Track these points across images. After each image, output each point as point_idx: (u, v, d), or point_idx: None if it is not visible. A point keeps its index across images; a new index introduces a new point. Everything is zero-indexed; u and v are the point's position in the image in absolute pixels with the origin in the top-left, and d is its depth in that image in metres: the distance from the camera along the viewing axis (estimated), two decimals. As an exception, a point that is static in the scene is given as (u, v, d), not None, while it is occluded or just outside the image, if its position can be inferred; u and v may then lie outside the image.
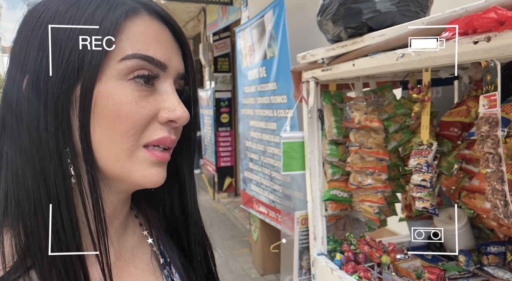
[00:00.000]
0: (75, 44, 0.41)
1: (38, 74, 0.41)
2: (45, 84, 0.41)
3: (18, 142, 0.42)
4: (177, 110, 0.45)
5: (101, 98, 0.42)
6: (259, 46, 2.95)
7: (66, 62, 0.41)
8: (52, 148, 0.41)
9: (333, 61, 1.24)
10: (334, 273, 1.38)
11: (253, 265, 3.53)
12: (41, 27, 0.42)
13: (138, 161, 0.45)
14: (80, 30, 0.41)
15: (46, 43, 0.41)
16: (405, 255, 1.50)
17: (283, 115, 2.66)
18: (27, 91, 0.41)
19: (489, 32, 0.68)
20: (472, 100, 1.34)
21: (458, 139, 1.37)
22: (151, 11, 0.46)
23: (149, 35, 0.44)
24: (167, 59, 0.46)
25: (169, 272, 0.55)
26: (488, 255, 1.35)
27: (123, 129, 0.43)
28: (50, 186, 0.41)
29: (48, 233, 0.40)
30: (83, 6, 0.43)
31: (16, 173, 0.42)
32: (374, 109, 1.43)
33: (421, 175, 1.31)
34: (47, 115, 0.41)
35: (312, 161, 1.50)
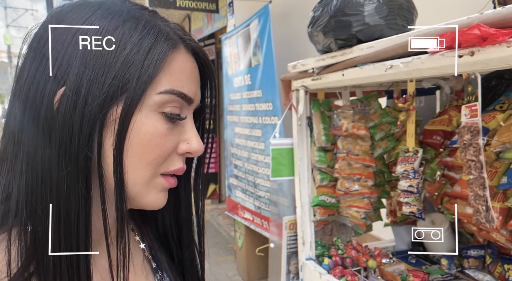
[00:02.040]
0: (120, 69, 0.42)
1: (78, 90, 0.41)
2: (84, 102, 0.41)
3: (42, 154, 0.41)
4: (193, 144, 0.48)
5: (136, 126, 0.43)
6: (244, 54, 2.99)
7: (109, 85, 0.41)
8: (81, 165, 0.41)
9: (323, 71, 1.29)
10: (322, 278, 1.41)
11: (238, 272, 3.52)
12: (78, 38, 0.41)
13: (153, 187, 0.47)
14: (126, 56, 0.42)
15: (89, 61, 0.41)
16: (390, 259, 1.54)
17: (269, 122, 2.69)
18: (63, 104, 0.41)
19: (473, 47, 0.73)
20: (453, 110, 1.40)
21: (441, 147, 1.43)
22: (188, 46, 0.48)
23: (185, 72, 0.46)
24: (194, 94, 0.48)
25: (161, 276, 0.56)
26: (469, 258, 1.41)
27: (149, 158, 0.44)
28: (73, 201, 0.41)
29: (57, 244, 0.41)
30: (129, 30, 0.43)
31: (34, 184, 0.41)
32: (361, 117, 1.48)
33: (408, 181, 1.36)
34: (82, 132, 0.41)
35: (301, 167, 1.53)
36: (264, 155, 2.78)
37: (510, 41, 0.65)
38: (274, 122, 2.60)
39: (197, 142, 0.48)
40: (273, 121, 2.62)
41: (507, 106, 1.20)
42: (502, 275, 1.29)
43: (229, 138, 3.51)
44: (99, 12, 0.43)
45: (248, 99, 2.94)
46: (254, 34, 2.75)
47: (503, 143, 1.12)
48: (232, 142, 3.44)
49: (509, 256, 1.30)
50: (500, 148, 1.14)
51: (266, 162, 2.77)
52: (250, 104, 2.90)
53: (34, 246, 0.41)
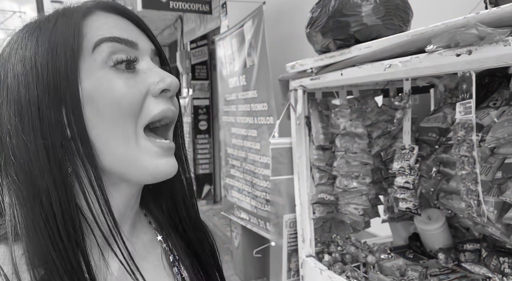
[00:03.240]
0: (47, 58, 0.43)
1: (19, 100, 0.43)
2: (28, 106, 0.42)
3: (18, 161, 0.43)
4: (166, 78, 0.48)
5: (93, 92, 0.44)
6: (239, 55, 3.00)
7: (46, 77, 0.43)
8: (52, 163, 0.43)
9: (321, 70, 1.31)
10: (323, 274, 1.43)
11: (235, 272, 3.54)
12: (12, 58, 0.44)
13: (145, 149, 0.46)
14: (48, 43, 0.44)
15: (19, 70, 0.44)
16: (389, 255, 1.57)
17: (264, 122, 2.71)
18: (13, 122, 0.43)
19: (470, 46, 0.76)
20: (448, 107, 1.44)
21: (436, 144, 1.46)
22: (103, 7, 0.49)
23: (108, 23, 0.47)
24: (135, 38, 0.48)
25: (178, 268, 0.57)
26: (465, 252, 1.44)
27: (123, 110, 0.45)
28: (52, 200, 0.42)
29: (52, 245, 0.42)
30: (44, 25, 0.46)
31: (19, 196, 0.42)
32: (358, 116, 1.51)
33: (404, 177, 1.39)
34: (43, 133, 0.42)
35: (300, 166, 1.55)
36: (259, 154, 2.80)
37: (506, 40, 0.68)
38: (269, 123, 2.62)
39: (169, 76, 0.48)
40: (268, 121, 2.64)
41: (500, 103, 1.24)
42: (498, 267, 1.32)
43: (225, 138, 3.52)
44: (24, 29, 0.47)
45: (243, 99, 2.96)
46: (248, 35, 2.76)
47: (497, 139, 1.16)
48: (228, 142, 3.45)
49: (504, 249, 1.34)
50: (495, 143, 1.17)
51: (262, 161, 2.79)
52: (245, 105, 2.92)
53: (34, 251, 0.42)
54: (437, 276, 1.38)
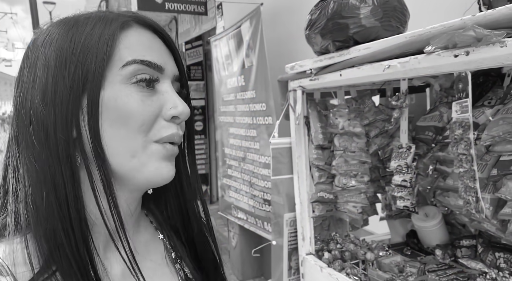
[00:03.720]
0: (79, 59, 0.46)
1: (45, 89, 0.46)
2: (54, 99, 0.45)
3: (32, 152, 0.45)
4: (179, 106, 0.51)
5: (110, 102, 0.47)
6: (237, 55, 3.02)
7: (72, 76, 0.46)
8: (62, 154, 0.45)
9: (320, 71, 1.33)
10: (323, 271, 1.46)
11: (232, 271, 3.55)
12: (46, 49, 0.47)
13: (150, 155, 0.49)
14: (82, 45, 0.47)
15: (51, 62, 0.46)
16: (387, 252, 1.60)
17: (262, 122, 2.73)
18: (37, 106, 0.46)
19: (468, 47, 0.79)
20: (444, 106, 1.47)
21: (433, 142, 1.49)
22: (141, 22, 0.52)
23: (143, 43, 0.50)
24: (163, 63, 0.51)
25: (180, 265, 0.60)
26: (461, 248, 1.48)
27: (134, 126, 0.48)
28: (60, 190, 0.45)
29: (62, 236, 0.44)
30: (81, 26, 0.48)
31: (32, 181, 0.45)
32: (356, 115, 1.54)
33: (401, 176, 1.42)
34: (57, 125, 0.45)
35: (299, 165, 1.57)
36: (259, 154, 2.82)
37: (503, 41, 0.71)
38: (268, 123, 2.65)
39: (182, 104, 0.51)
40: (266, 121, 2.66)
41: (495, 101, 1.27)
42: (493, 262, 1.36)
43: (222, 139, 3.53)
44: (61, 25, 0.49)
45: (242, 100, 2.98)
46: (247, 36, 2.79)
47: (493, 137, 1.19)
48: (225, 142, 3.46)
49: (499, 244, 1.37)
50: (490, 141, 1.20)
51: (261, 161, 2.81)
52: (244, 105, 2.94)
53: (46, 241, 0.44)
54: (435, 272, 1.41)
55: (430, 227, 1.54)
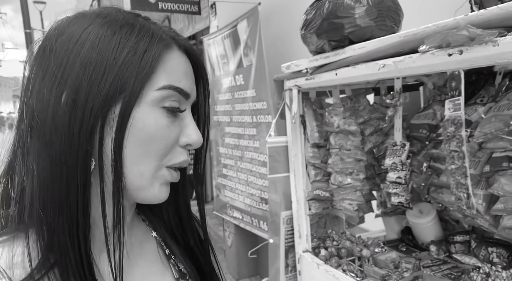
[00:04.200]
0: (119, 70, 0.46)
1: (78, 91, 0.45)
2: (85, 101, 0.45)
3: (49, 151, 0.45)
4: (193, 135, 0.52)
5: (137, 121, 0.47)
6: (233, 54, 3.03)
7: (110, 85, 0.45)
8: (81, 157, 0.45)
9: (316, 71, 1.35)
10: (320, 268, 1.47)
11: (228, 271, 3.56)
12: (83, 47, 0.46)
13: (157, 179, 0.51)
14: (124, 58, 0.46)
15: (89, 64, 0.45)
16: (382, 248, 1.62)
17: (263, 120, 2.75)
18: (66, 106, 0.45)
19: (461, 46, 0.81)
20: (437, 104, 1.49)
21: (427, 140, 1.51)
22: (180, 46, 0.53)
23: (180, 69, 0.51)
24: (190, 90, 0.53)
25: (174, 261, 0.61)
26: (455, 244, 1.50)
27: (155, 149, 0.49)
28: (72, 193, 0.45)
29: (66, 234, 0.45)
30: (125, 35, 0.47)
31: (44, 179, 0.45)
32: (351, 114, 1.56)
33: (396, 173, 1.45)
34: (82, 129, 0.45)
35: (296, 164, 1.59)
36: (258, 153, 2.84)
37: (495, 41, 0.72)
38: (268, 121, 2.66)
39: (196, 134, 0.52)
40: (267, 120, 2.68)
41: (487, 99, 1.30)
42: (486, 257, 1.38)
43: (216, 138, 3.54)
44: (98, 20, 0.48)
45: (241, 99, 2.98)
46: (244, 35, 2.79)
47: (485, 134, 1.21)
48: (219, 141, 3.47)
49: (492, 239, 1.40)
50: (483, 138, 1.23)
51: (260, 159, 2.83)
52: (243, 104, 2.95)
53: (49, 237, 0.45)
54: (430, 267, 1.43)
55: (425, 223, 1.57)
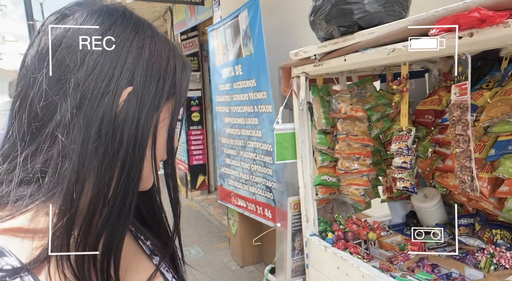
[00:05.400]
0: (174, 77, 0.52)
1: (143, 90, 0.48)
2: (150, 100, 0.49)
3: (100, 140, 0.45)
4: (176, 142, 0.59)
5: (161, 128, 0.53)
6: (233, 45, 3.04)
7: (168, 88, 0.51)
8: (138, 157, 0.48)
9: (324, 57, 1.37)
10: (327, 251, 1.51)
11: (233, 258, 3.61)
12: (149, 50, 0.50)
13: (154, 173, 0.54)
14: (174, 67, 0.53)
15: (154, 66, 0.50)
16: (388, 232, 1.66)
17: (264, 110, 2.77)
18: (129, 102, 0.47)
19: (472, 28, 0.83)
20: (443, 90, 1.51)
21: (432, 125, 1.54)
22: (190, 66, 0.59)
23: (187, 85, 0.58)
24: None
25: (142, 240, 0.62)
26: (460, 227, 1.54)
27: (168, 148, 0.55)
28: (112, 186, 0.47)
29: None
30: (175, 57, 0.54)
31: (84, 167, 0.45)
32: (358, 100, 1.58)
33: (402, 158, 1.47)
34: (146, 127, 0.48)
35: (303, 150, 1.62)
36: (261, 142, 2.86)
37: (506, 22, 0.75)
38: (268, 111, 2.68)
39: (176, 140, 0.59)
40: (267, 109, 2.70)
41: (492, 84, 1.32)
42: (491, 239, 1.42)
43: (219, 129, 3.56)
44: (148, 32, 0.52)
45: (240, 89, 3.00)
46: (244, 25, 2.80)
47: (491, 118, 1.24)
48: (222, 132, 3.49)
49: (496, 222, 1.44)
50: (488, 122, 1.25)
51: (263, 149, 2.85)
52: (243, 94, 2.96)
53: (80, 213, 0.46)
54: (435, 249, 1.47)
55: (430, 207, 1.60)
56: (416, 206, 1.65)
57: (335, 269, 1.46)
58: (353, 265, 1.37)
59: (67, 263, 0.45)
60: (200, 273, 3.35)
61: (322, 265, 1.56)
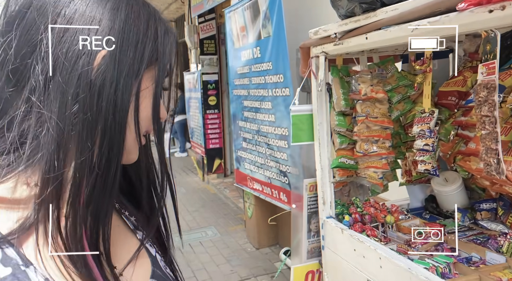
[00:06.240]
0: (155, 43, 0.49)
1: (120, 54, 0.45)
2: (124, 65, 0.46)
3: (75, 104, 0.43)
4: (164, 111, 0.55)
5: (143, 93, 0.50)
6: (252, 27, 2.99)
7: (149, 53, 0.48)
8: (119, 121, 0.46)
9: (345, 35, 1.33)
10: (344, 233, 1.50)
11: (248, 240, 3.65)
12: (125, 12, 0.47)
13: (138, 144, 0.52)
14: (159, 34, 0.51)
15: (134, 31, 0.47)
16: (406, 216, 1.64)
17: (280, 94, 2.73)
18: (105, 65, 0.44)
19: (504, 1, 0.78)
20: (468, 71, 1.46)
21: (456, 107, 1.49)
22: (171, 30, 0.56)
23: (172, 50, 0.54)
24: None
25: (126, 215, 0.61)
26: (482, 211, 1.50)
27: (154, 118, 0.52)
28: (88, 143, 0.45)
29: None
30: (156, 21, 0.51)
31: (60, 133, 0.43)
32: (379, 81, 1.54)
33: (424, 140, 1.44)
34: (125, 91, 0.45)
35: (321, 132, 1.60)
36: (274, 126, 2.84)
37: (542, -7, 0.70)
38: (285, 94, 2.65)
39: (164, 111, 0.56)
40: (284, 93, 2.66)
41: (522, 64, 1.26)
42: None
43: (236, 112, 3.55)
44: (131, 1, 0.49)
45: (257, 72, 2.97)
46: (264, 6, 2.75)
47: (519, 99, 1.19)
48: (239, 115, 3.49)
49: (520, 206, 1.40)
50: (516, 103, 1.20)
51: (276, 133, 2.84)
52: (259, 77, 2.94)
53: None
54: (455, 233, 1.44)
55: (450, 191, 1.57)
56: (436, 190, 1.62)
57: (351, 251, 1.46)
58: (370, 247, 1.36)
59: (56, 234, 0.43)
60: (216, 254, 3.41)
61: (338, 247, 1.56)
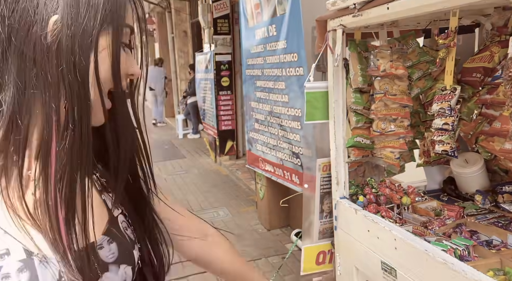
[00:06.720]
0: (105, 5, 0.50)
1: (72, 18, 0.47)
2: (78, 28, 0.48)
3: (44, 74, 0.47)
4: (136, 67, 0.58)
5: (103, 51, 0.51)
6: (267, 3, 2.91)
7: (96, 16, 0.49)
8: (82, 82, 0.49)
9: (364, 6, 1.26)
10: (358, 213, 1.46)
11: (260, 221, 3.66)
12: None
13: (106, 104, 0.54)
14: None
15: None
16: (422, 198, 1.59)
17: (293, 74, 2.67)
18: (59, 30, 0.47)
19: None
20: (495, 46, 1.38)
21: (481, 85, 1.42)
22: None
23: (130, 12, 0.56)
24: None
25: (97, 175, 0.60)
26: (504, 194, 1.44)
27: (115, 76, 0.53)
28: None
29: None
30: None
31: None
32: (399, 57, 1.47)
33: (443, 119, 1.37)
34: (82, 53, 0.48)
35: (336, 110, 1.54)
36: (287, 107, 2.79)
37: None
38: (299, 74, 2.58)
39: (138, 66, 0.58)
40: (298, 72, 2.59)
41: (555, 37, 1.18)
42: (537, 208, 1.33)
43: (249, 93, 3.50)
44: None
45: (272, 51, 2.89)
46: (279, -19, 2.66)
47: (551, 74, 1.11)
48: (252, 96, 3.43)
49: (545, 190, 1.33)
50: (547, 79, 1.12)
51: (289, 114, 2.78)
52: (274, 56, 2.86)
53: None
54: (474, 216, 1.39)
55: (471, 173, 1.51)
56: (456, 172, 1.56)
57: (365, 232, 1.42)
58: (384, 228, 1.32)
59: (20, 187, 0.47)
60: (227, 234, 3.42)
61: (351, 228, 1.52)
